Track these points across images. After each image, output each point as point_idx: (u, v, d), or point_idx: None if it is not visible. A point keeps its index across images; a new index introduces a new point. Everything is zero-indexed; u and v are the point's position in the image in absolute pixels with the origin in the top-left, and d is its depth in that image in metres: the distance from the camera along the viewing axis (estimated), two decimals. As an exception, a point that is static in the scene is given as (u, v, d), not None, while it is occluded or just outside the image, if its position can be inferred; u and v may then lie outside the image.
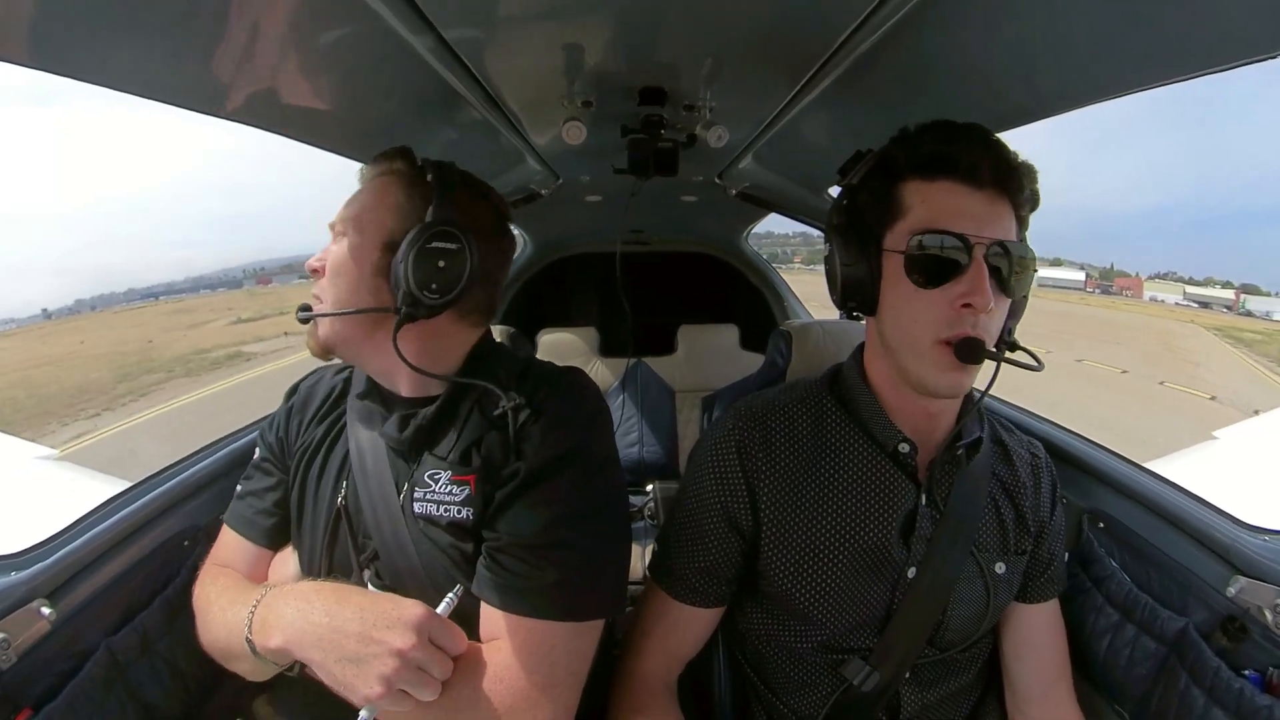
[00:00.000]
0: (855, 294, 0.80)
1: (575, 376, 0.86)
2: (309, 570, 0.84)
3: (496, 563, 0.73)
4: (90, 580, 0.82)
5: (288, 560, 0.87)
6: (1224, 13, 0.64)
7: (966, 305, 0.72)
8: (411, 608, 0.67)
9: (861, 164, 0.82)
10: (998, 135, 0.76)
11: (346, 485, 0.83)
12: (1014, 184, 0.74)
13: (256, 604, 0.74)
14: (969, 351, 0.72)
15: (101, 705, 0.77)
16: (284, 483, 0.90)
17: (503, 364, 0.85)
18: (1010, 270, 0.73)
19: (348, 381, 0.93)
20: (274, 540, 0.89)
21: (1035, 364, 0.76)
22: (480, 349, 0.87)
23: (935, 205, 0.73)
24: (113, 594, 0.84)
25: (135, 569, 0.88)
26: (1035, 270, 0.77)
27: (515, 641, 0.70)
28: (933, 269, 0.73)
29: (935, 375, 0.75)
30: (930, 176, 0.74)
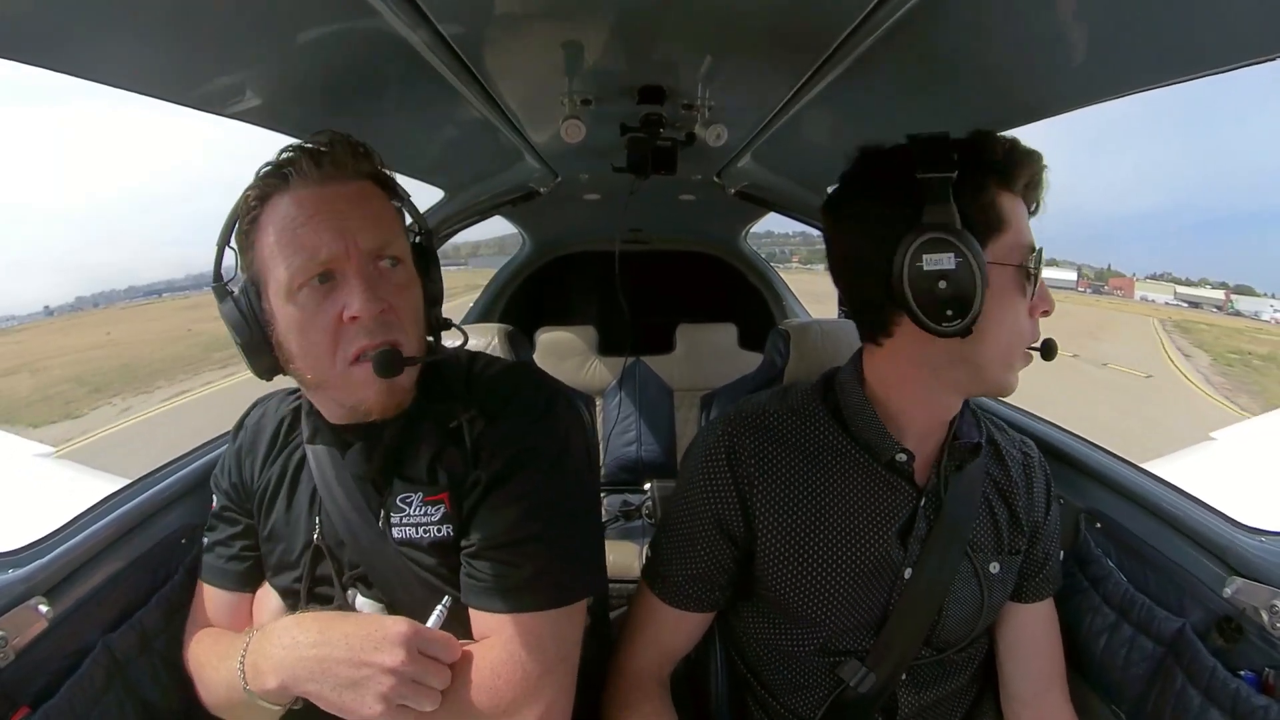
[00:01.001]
0: (963, 309, 0.70)
1: (521, 373, 0.85)
2: (291, 606, 0.83)
3: (475, 568, 0.74)
4: (88, 578, 0.82)
5: (269, 596, 0.86)
6: (1225, 13, 0.64)
7: (1045, 312, 0.77)
8: (395, 625, 0.68)
9: (947, 151, 0.71)
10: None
11: (320, 520, 0.81)
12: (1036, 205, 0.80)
13: (245, 651, 0.73)
14: (1051, 351, 0.77)
15: (100, 703, 0.76)
16: (250, 528, 0.87)
17: (449, 370, 0.84)
18: None
19: (297, 412, 0.88)
20: (250, 584, 0.87)
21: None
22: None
23: (1020, 219, 0.76)
24: (111, 591, 0.83)
25: (133, 566, 0.87)
26: None
27: (506, 637, 0.71)
28: (1031, 283, 0.76)
29: (1013, 380, 0.79)
30: (1015, 190, 0.76)
